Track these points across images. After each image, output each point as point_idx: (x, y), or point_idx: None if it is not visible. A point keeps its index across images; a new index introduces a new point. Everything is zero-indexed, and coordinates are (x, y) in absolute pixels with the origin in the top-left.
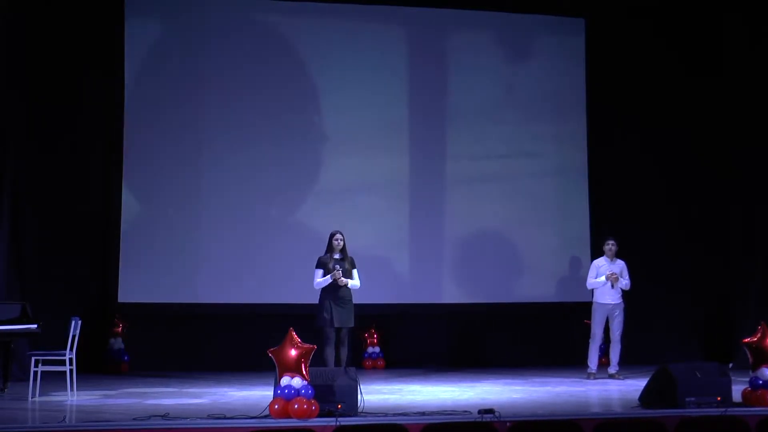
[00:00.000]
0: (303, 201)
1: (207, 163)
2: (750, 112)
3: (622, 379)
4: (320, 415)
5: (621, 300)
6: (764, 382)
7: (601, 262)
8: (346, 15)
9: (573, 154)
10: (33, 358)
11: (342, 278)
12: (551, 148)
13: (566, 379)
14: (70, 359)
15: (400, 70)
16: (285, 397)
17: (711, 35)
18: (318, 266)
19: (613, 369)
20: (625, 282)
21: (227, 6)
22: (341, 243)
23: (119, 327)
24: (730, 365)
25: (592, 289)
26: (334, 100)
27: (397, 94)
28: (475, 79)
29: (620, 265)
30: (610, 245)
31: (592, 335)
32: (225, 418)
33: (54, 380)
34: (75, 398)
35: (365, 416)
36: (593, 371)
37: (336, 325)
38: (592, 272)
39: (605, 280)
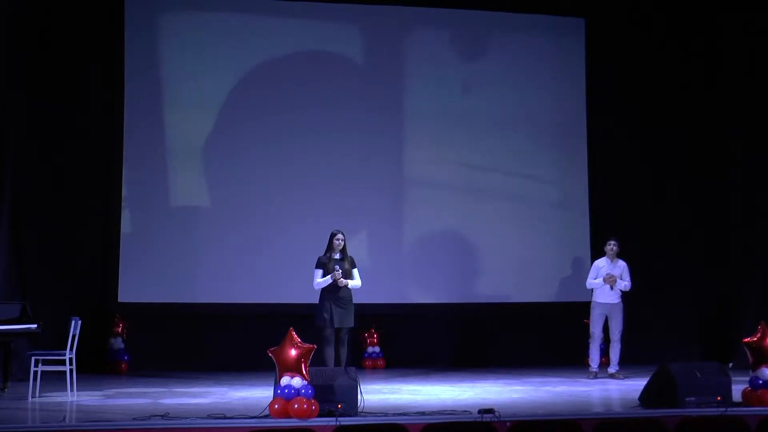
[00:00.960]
0: (303, 201)
1: (206, 163)
2: (750, 113)
3: (623, 379)
4: (320, 415)
5: (620, 300)
6: (764, 382)
7: (602, 263)
8: (342, 14)
9: (573, 154)
10: (33, 358)
11: (342, 279)
12: (552, 149)
13: (566, 379)
14: (70, 359)
15: (396, 70)
16: (285, 397)
17: (711, 35)
18: (318, 266)
19: (613, 369)
20: (625, 283)
21: (221, 4)
22: (342, 243)
23: (119, 327)
24: (730, 365)
25: (588, 289)
26: (336, 96)
27: (394, 92)
28: (474, 79)
29: (621, 266)
30: (611, 245)
31: (591, 334)
32: (225, 418)
33: (54, 380)
34: (75, 398)
35: (365, 416)
36: (595, 370)
37: (336, 325)
38: (592, 273)
39: (603, 282)
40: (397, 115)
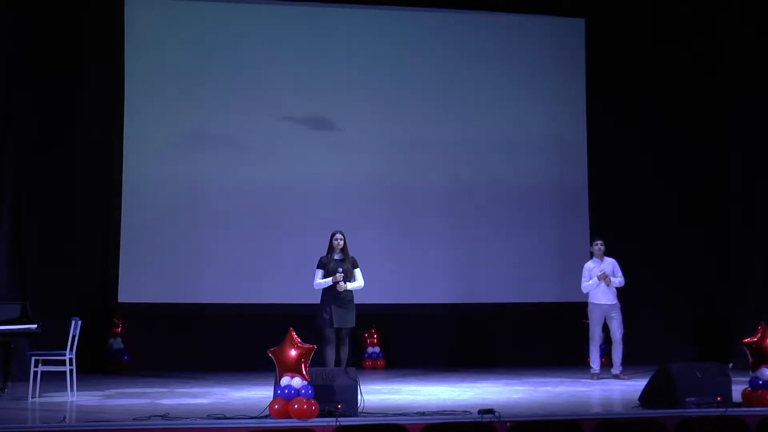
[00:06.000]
0: (304, 201)
1: (207, 162)
2: (751, 113)
3: (627, 379)
4: (320, 415)
5: (617, 300)
6: (764, 382)
7: (591, 264)
8: (344, 16)
9: (573, 154)
10: (33, 358)
11: (341, 283)
12: (551, 149)
13: (566, 379)
14: (70, 359)
15: (398, 71)
16: (285, 397)
17: (711, 35)
18: (318, 266)
19: (616, 369)
20: (618, 280)
21: None
22: (341, 243)
23: (119, 327)
24: (730, 365)
25: (584, 292)
26: (338, 99)
27: (397, 94)
28: (474, 80)
29: (611, 263)
30: (598, 245)
31: (591, 336)
32: (225, 418)
33: (54, 380)
34: (75, 398)
35: (365, 416)
36: (596, 371)
37: (335, 325)
38: (584, 275)
39: (598, 281)
40: (396, 115)
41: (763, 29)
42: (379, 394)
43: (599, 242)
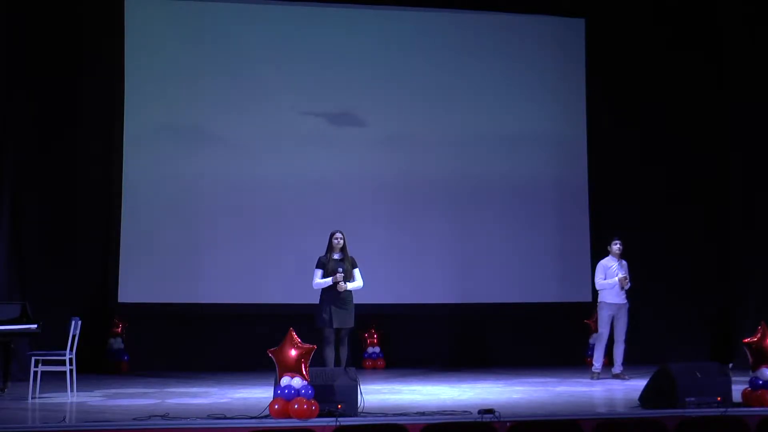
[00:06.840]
0: (304, 200)
1: (207, 162)
2: (752, 112)
3: (628, 379)
4: (320, 415)
5: (626, 300)
6: (764, 382)
7: (609, 262)
8: (345, 16)
9: (573, 154)
10: (33, 358)
11: (341, 284)
12: (551, 149)
13: (566, 379)
14: (70, 359)
15: (399, 71)
16: (285, 397)
17: (712, 34)
18: (317, 266)
19: (617, 369)
20: (629, 283)
21: None
22: (341, 242)
23: (119, 327)
24: (730, 365)
25: (598, 289)
26: (337, 98)
27: (397, 94)
28: (475, 80)
29: (625, 265)
30: (618, 245)
31: (598, 335)
32: (225, 418)
33: (54, 380)
34: (75, 398)
35: (365, 416)
36: (598, 371)
37: (335, 325)
38: (600, 272)
39: (618, 281)
40: (396, 115)
41: (764, 29)
42: (379, 394)
43: (618, 242)
